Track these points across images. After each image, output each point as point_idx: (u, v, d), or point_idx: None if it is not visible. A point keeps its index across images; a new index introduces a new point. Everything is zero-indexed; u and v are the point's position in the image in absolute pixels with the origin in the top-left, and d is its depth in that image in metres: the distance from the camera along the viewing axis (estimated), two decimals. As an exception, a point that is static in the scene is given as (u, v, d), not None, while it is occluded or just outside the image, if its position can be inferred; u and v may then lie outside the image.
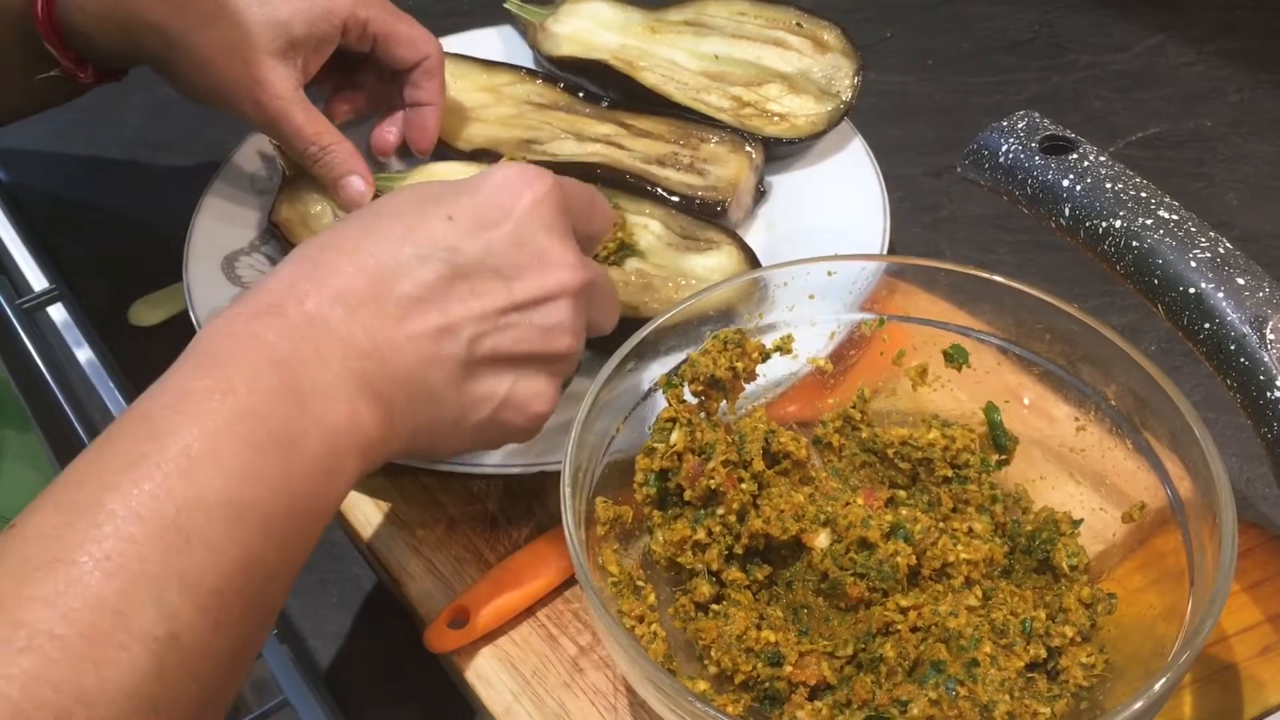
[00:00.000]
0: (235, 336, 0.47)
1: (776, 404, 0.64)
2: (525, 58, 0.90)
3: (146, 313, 0.82)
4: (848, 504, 0.57)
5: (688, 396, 0.60)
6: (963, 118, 0.94)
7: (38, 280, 0.88)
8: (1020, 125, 0.62)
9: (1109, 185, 0.58)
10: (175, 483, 0.42)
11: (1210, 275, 0.53)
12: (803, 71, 0.81)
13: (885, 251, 0.74)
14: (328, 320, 0.48)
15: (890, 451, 0.60)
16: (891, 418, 0.63)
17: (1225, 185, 0.86)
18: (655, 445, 0.59)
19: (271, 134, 0.76)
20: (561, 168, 0.77)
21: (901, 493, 0.60)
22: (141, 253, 0.86)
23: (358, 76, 0.81)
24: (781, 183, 0.80)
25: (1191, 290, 0.53)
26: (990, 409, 0.60)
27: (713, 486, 0.56)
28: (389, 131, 0.82)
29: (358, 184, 0.76)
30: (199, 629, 0.41)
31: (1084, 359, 0.57)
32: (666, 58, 0.84)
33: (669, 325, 0.60)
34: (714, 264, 0.71)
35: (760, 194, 0.79)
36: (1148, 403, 0.54)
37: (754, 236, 0.77)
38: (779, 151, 0.79)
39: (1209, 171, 0.87)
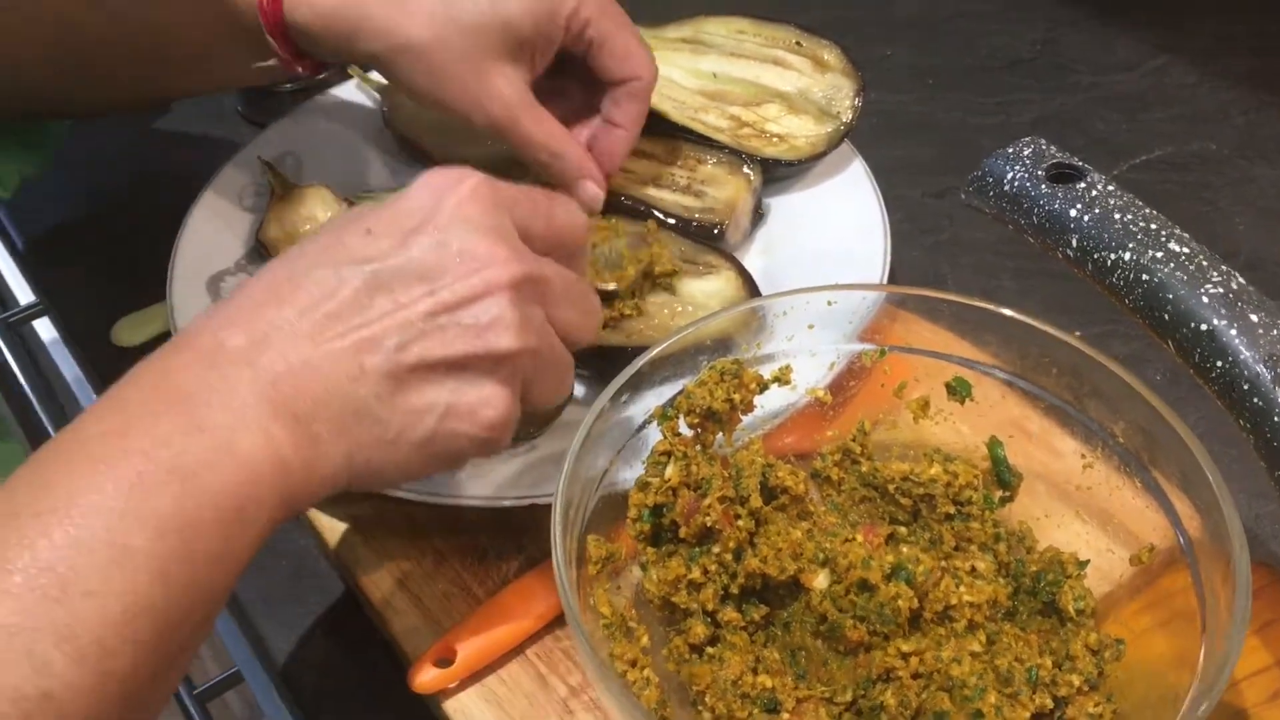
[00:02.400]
0: (141, 376, 0.46)
1: (774, 435, 0.62)
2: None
3: (130, 332, 0.80)
4: (847, 540, 0.55)
5: (683, 429, 0.58)
6: (964, 138, 0.92)
7: (24, 294, 0.86)
8: (1026, 152, 0.60)
9: (1118, 216, 0.56)
10: (55, 529, 0.40)
11: (1223, 312, 0.51)
12: (802, 91, 0.79)
13: (886, 276, 0.72)
14: (238, 347, 0.46)
15: (891, 487, 0.59)
16: (892, 451, 0.61)
17: (1231, 210, 0.84)
18: (649, 479, 0.57)
19: (499, 139, 0.72)
20: (554, 189, 0.76)
21: (902, 529, 0.58)
22: (126, 269, 0.85)
23: (565, 83, 0.75)
24: (780, 204, 0.79)
25: (1203, 327, 0.51)
26: (994, 444, 0.59)
27: (708, 524, 0.55)
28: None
29: (591, 189, 0.72)
30: (79, 684, 0.39)
31: (1091, 394, 0.55)
32: (663, 75, 0.82)
33: (665, 355, 0.58)
34: (712, 289, 0.69)
35: (759, 216, 0.77)
36: (1157, 440, 0.53)
37: (752, 259, 0.76)
38: (778, 173, 0.78)
39: (1214, 196, 0.85)
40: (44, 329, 0.90)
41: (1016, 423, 0.58)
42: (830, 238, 0.75)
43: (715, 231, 0.73)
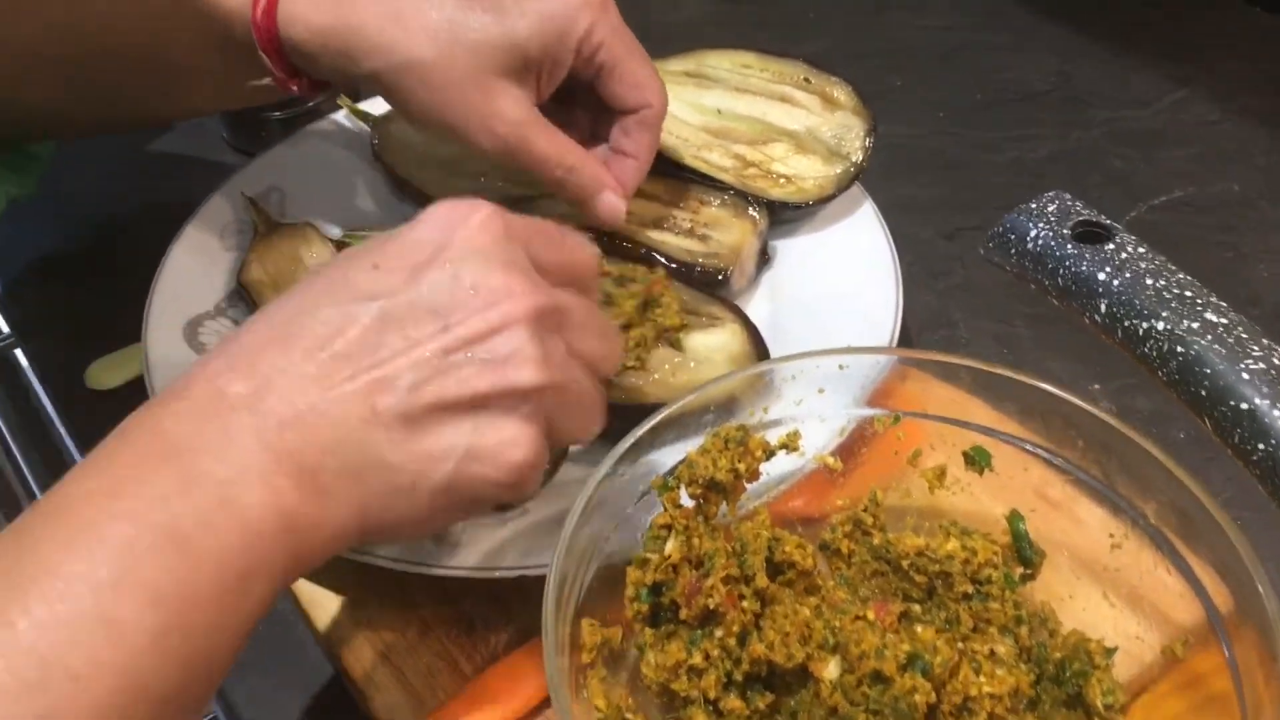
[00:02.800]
0: (132, 430, 0.43)
1: (780, 500, 0.59)
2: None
3: (105, 375, 0.77)
4: (858, 618, 0.52)
5: (685, 500, 0.55)
6: (976, 176, 0.89)
7: (-1, 324, 0.83)
8: (1050, 209, 0.57)
9: (1150, 281, 0.53)
10: (36, 604, 0.37)
11: (1265, 390, 0.48)
12: (810, 130, 0.76)
13: (897, 326, 0.69)
14: (238, 394, 0.43)
15: (905, 563, 0.55)
16: (906, 521, 0.58)
17: (1254, 256, 0.81)
18: (648, 555, 0.53)
19: (509, 162, 0.68)
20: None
21: (916, 607, 0.55)
22: (105, 306, 0.81)
23: (574, 109, 0.72)
24: (787, 248, 0.75)
25: (1244, 406, 0.48)
26: (1015, 518, 0.55)
27: (711, 606, 0.51)
28: None
29: (612, 200, 0.69)
30: None
31: (1122, 471, 0.52)
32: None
33: (667, 420, 0.54)
34: (716, 344, 0.65)
35: (764, 260, 0.74)
36: (1191, 522, 0.49)
37: (757, 306, 0.72)
38: (784, 215, 0.75)
39: (1236, 240, 0.82)
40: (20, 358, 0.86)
41: (1039, 495, 0.55)
42: (839, 284, 0.72)
43: (720, 278, 0.70)
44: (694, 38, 1.03)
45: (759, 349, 0.65)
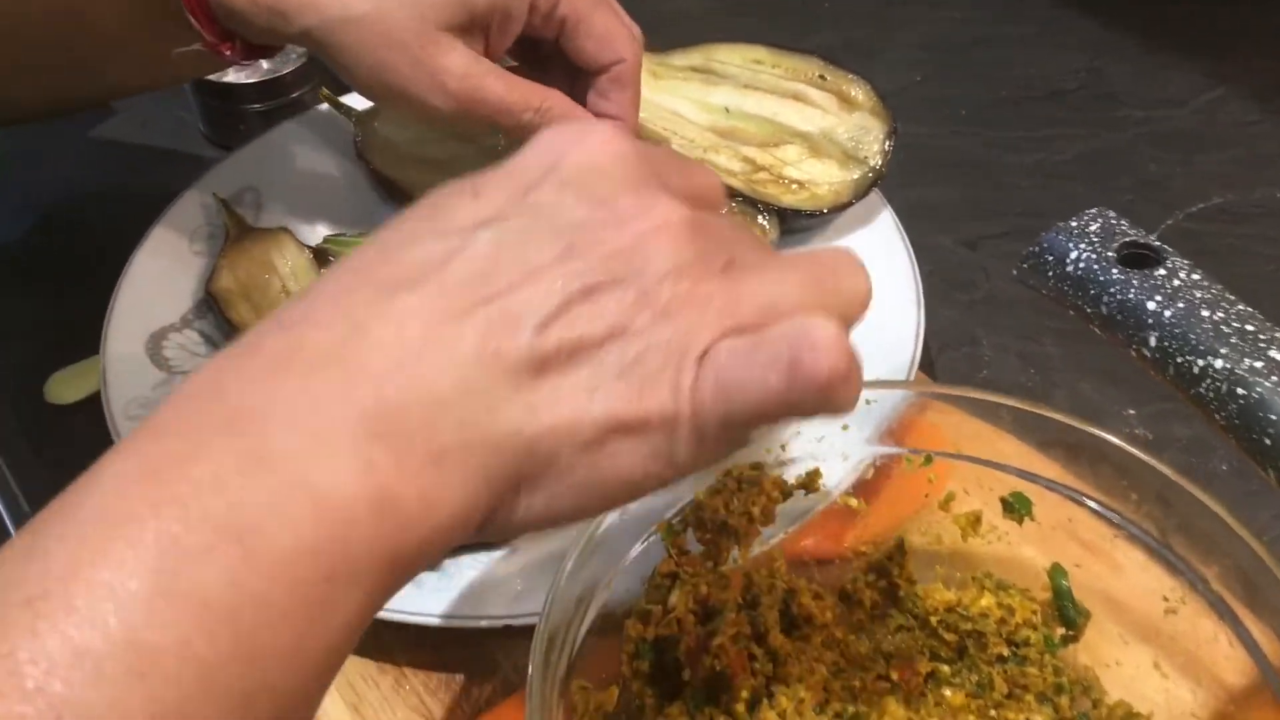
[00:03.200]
0: (185, 395, 0.33)
1: (795, 536, 0.54)
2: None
3: (64, 388, 0.71)
4: (880, 678, 0.47)
5: (691, 544, 0.50)
6: (1000, 179, 0.84)
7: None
8: (1093, 228, 0.52)
9: (1206, 313, 0.47)
10: (47, 628, 0.28)
11: (1345, 442, 0.43)
12: (825, 132, 0.70)
13: (919, 345, 0.64)
14: (319, 342, 0.34)
15: (934, 619, 0.50)
16: (935, 570, 0.53)
17: (1300, 270, 0.75)
18: (650, 607, 0.49)
19: (470, 121, 0.62)
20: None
21: (945, 668, 0.50)
22: (65, 315, 0.75)
23: (547, 75, 0.65)
24: (799, 259, 0.70)
25: (1321, 459, 0.43)
26: (1057, 572, 0.50)
27: (718, 669, 0.46)
28: None
29: None
30: None
31: (1180, 529, 0.47)
32: (670, 108, 0.73)
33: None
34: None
35: (775, 272, 0.68)
36: (1260, 592, 0.44)
37: (767, 323, 0.67)
38: (797, 224, 0.69)
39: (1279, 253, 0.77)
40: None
41: (1086, 548, 0.50)
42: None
43: (727, 293, 0.64)
44: (701, 27, 0.98)
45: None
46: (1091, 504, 0.49)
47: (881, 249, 0.68)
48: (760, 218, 0.67)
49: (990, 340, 0.73)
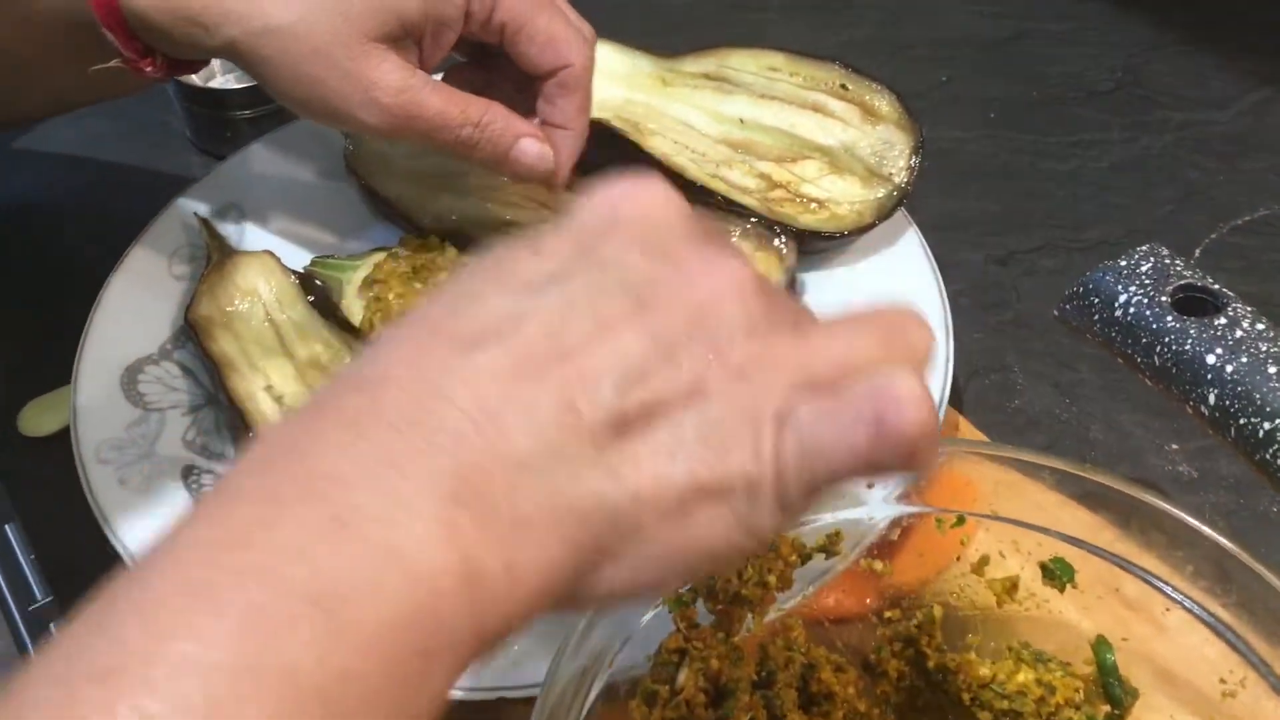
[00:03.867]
0: (261, 458, 0.32)
1: (812, 597, 0.50)
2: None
3: (38, 419, 0.67)
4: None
5: (702, 616, 0.46)
6: (1033, 187, 0.79)
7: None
8: (1144, 268, 0.47)
9: (1273, 369, 0.43)
10: (122, 704, 0.26)
11: None
12: (847, 146, 0.66)
13: (948, 382, 0.59)
14: (399, 403, 0.32)
15: (965, 696, 0.46)
16: (967, 639, 0.48)
17: (1356, 289, 0.71)
18: (656, 688, 0.45)
19: (405, 136, 0.59)
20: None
21: (978, 750, 0.46)
22: (40, 340, 0.71)
23: (494, 81, 0.63)
24: (817, 282, 0.65)
25: None
26: (1102, 646, 0.46)
27: (731, 760, 0.42)
28: None
29: (532, 146, 0.60)
30: None
31: (1241, 605, 0.42)
32: (680, 119, 0.69)
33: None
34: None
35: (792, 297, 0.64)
36: (1331, 679, 0.40)
37: (784, 353, 0.62)
38: (816, 245, 0.64)
39: (1334, 270, 0.72)
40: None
41: (1134, 620, 0.46)
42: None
43: (741, 323, 0.60)
44: (717, 21, 0.93)
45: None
46: (1142, 574, 0.44)
47: (906, 273, 0.64)
48: (776, 240, 0.62)
49: (1022, 366, 0.69)
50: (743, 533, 0.34)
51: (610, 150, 0.69)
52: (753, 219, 0.63)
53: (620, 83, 0.71)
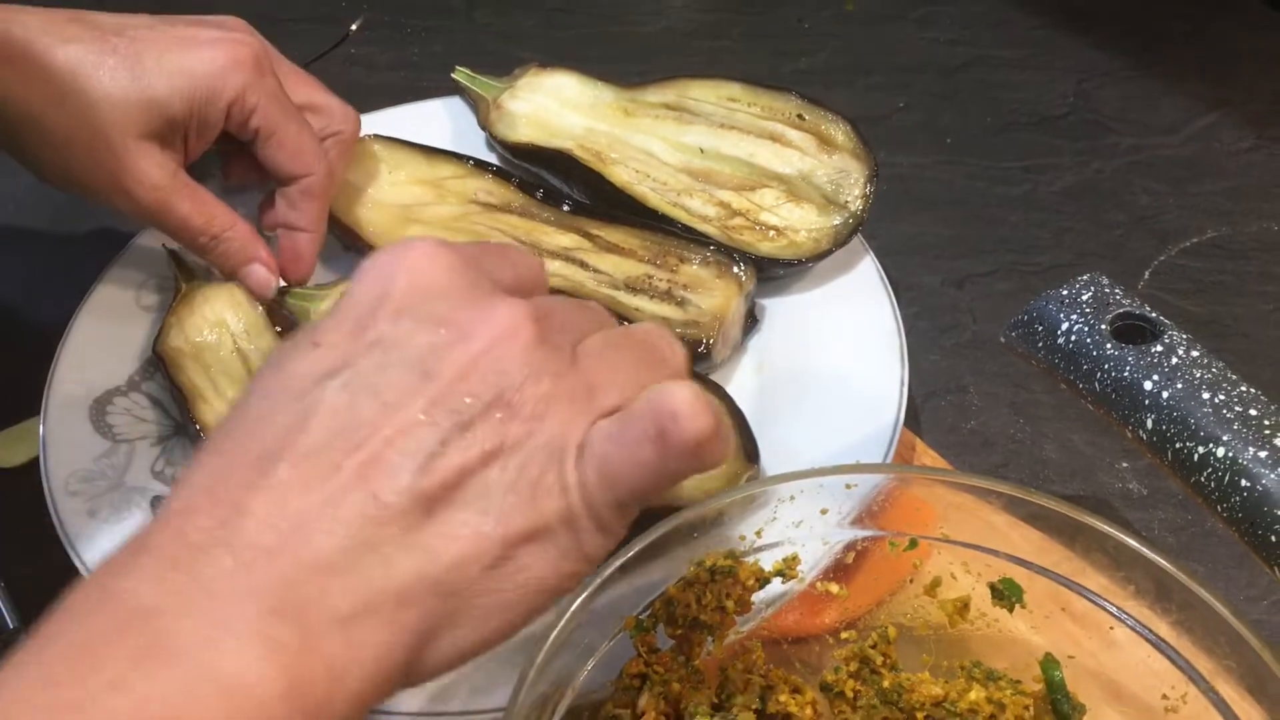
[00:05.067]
0: (80, 601, 0.33)
1: (770, 619, 0.51)
2: (476, 139, 0.76)
3: (8, 450, 0.68)
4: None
5: (662, 641, 0.47)
6: (987, 212, 0.81)
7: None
8: (1085, 297, 0.49)
9: (1207, 395, 0.44)
10: None
11: (1359, 543, 0.40)
12: (804, 174, 0.67)
13: (903, 404, 0.61)
14: (204, 529, 0.34)
15: (920, 715, 0.47)
16: (921, 658, 0.50)
17: (1299, 310, 0.73)
18: (619, 712, 0.46)
19: (152, 225, 0.64)
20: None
21: (932, 766, 0.47)
22: (6, 370, 0.72)
23: (249, 173, 0.68)
24: (776, 308, 0.67)
25: (1333, 562, 0.40)
26: (1050, 664, 0.47)
27: (690, 781, 0.43)
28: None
29: (260, 273, 0.65)
30: None
31: (1180, 624, 0.44)
32: (642, 148, 0.70)
33: (641, 554, 0.46)
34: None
35: (751, 323, 0.65)
36: (1266, 695, 0.41)
37: (742, 378, 0.64)
38: (774, 272, 0.66)
39: (1278, 291, 0.74)
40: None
41: (1081, 637, 0.47)
42: (835, 353, 0.64)
43: (700, 350, 0.61)
44: (677, 49, 0.95)
45: (746, 444, 0.56)
46: (1088, 594, 0.46)
47: (862, 298, 0.65)
48: (736, 267, 0.64)
49: (978, 387, 0.70)
50: (570, 562, 0.37)
51: (575, 179, 0.70)
52: (712, 246, 0.65)
53: (583, 113, 0.72)
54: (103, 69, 0.58)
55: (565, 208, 0.68)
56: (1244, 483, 0.42)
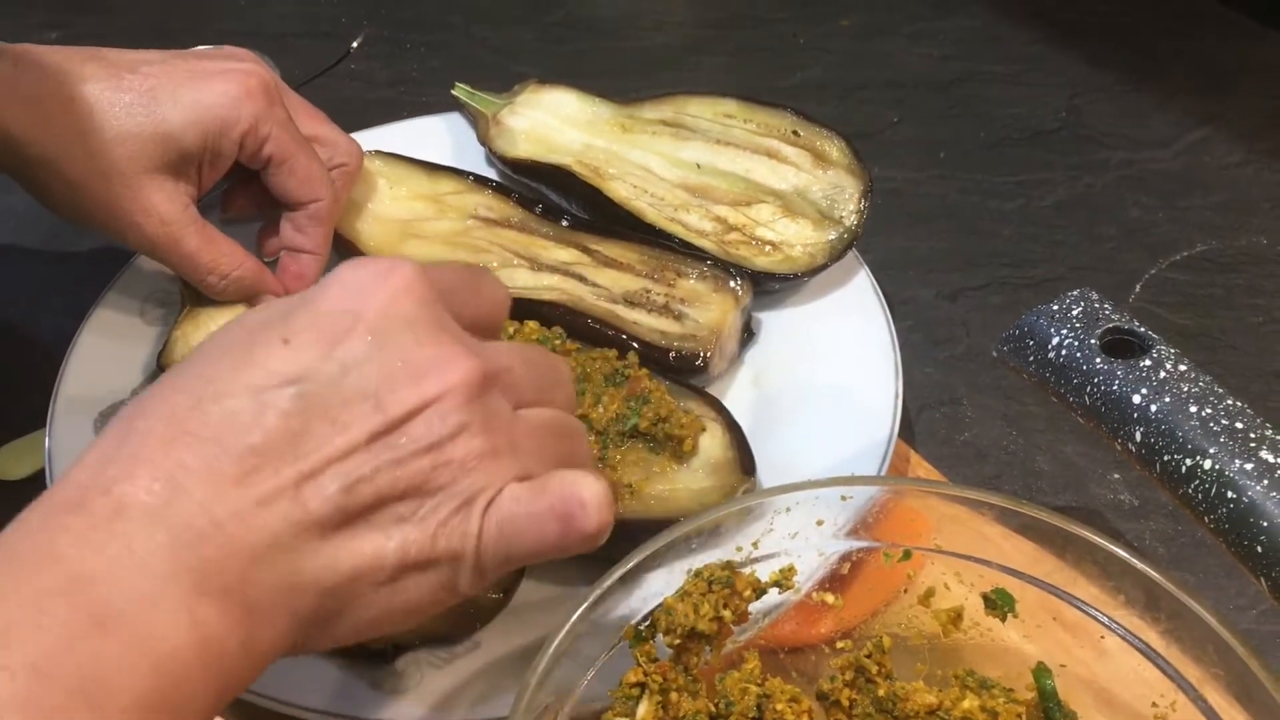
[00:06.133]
0: (19, 556, 0.35)
1: (767, 629, 0.52)
2: (476, 155, 0.77)
3: (12, 463, 0.69)
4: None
5: (661, 651, 0.47)
6: (981, 225, 0.82)
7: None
8: (1075, 312, 0.50)
9: (1194, 409, 0.45)
10: None
11: (1342, 553, 0.41)
12: (799, 190, 0.68)
13: (898, 416, 0.61)
14: (145, 505, 0.36)
15: (914, 723, 0.48)
16: (915, 667, 0.51)
17: (1287, 321, 0.74)
18: (618, 719, 0.46)
19: (161, 261, 0.64)
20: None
21: (927, 774, 0.48)
22: (12, 383, 0.73)
23: (255, 194, 0.68)
24: (772, 321, 0.68)
25: (1317, 572, 0.41)
26: (1042, 673, 0.48)
27: (690, 788, 0.44)
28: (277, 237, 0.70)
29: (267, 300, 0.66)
30: None
31: (1170, 633, 0.44)
32: (639, 163, 0.71)
33: (640, 565, 0.47)
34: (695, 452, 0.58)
35: (747, 336, 0.66)
36: (1254, 702, 0.42)
37: (739, 391, 0.65)
38: (769, 287, 0.67)
39: (1268, 304, 0.75)
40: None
41: (1073, 645, 0.48)
42: (831, 365, 0.65)
43: (697, 363, 0.62)
44: (675, 64, 0.96)
45: (743, 456, 0.57)
46: (1079, 604, 0.47)
47: (857, 313, 0.66)
48: (732, 281, 0.65)
49: (972, 399, 0.71)
50: (446, 593, 0.41)
51: (574, 194, 0.71)
52: (709, 261, 0.65)
53: (582, 129, 0.73)
54: (118, 106, 0.59)
55: (564, 223, 0.69)
56: (1230, 494, 0.43)
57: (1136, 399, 0.46)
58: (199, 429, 0.38)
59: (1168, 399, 0.46)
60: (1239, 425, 0.45)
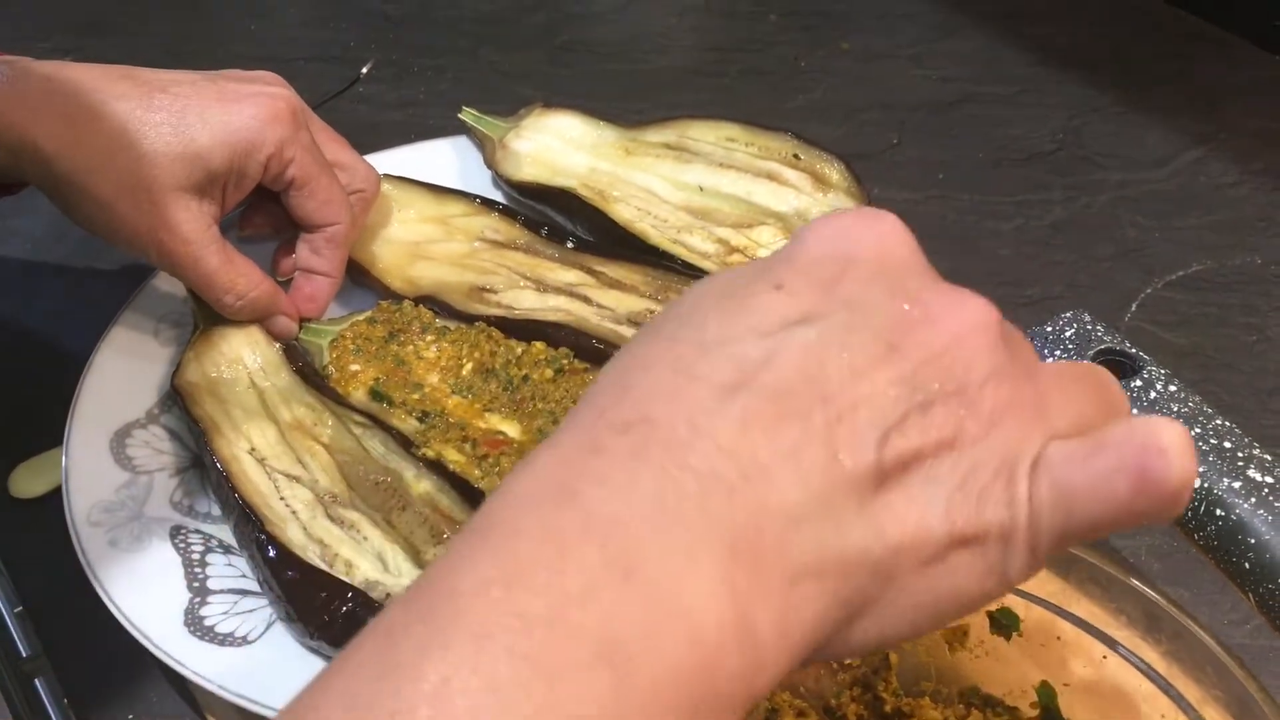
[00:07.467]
0: (535, 499, 0.31)
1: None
2: (483, 177, 0.78)
3: (29, 481, 0.70)
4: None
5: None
6: (980, 245, 0.83)
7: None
8: (1069, 333, 0.51)
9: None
10: None
11: (1333, 572, 0.42)
12: (800, 212, 0.69)
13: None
14: (666, 446, 0.31)
15: (920, 739, 0.49)
16: (921, 684, 0.52)
17: (1282, 340, 0.75)
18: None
19: (180, 279, 0.66)
20: (517, 326, 0.66)
21: (931, 790, 0.49)
22: (29, 402, 0.74)
23: (273, 211, 0.70)
24: (777, 342, 0.68)
25: (1308, 589, 0.42)
26: (1045, 692, 0.49)
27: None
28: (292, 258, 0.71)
29: (280, 323, 0.68)
30: None
31: (1171, 655, 0.45)
32: (643, 186, 0.72)
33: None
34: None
35: (752, 357, 0.67)
36: (1251, 717, 0.43)
37: (745, 411, 0.66)
38: (775, 307, 0.68)
39: (1262, 323, 0.76)
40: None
41: (1076, 665, 0.49)
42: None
43: (704, 384, 0.63)
44: (678, 86, 0.97)
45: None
46: (1081, 622, 0.48)
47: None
48: (737, 302, 0.66)
49: (972, 419, 0.72)
50: (994, 580, 0.33)
51: (579, 216, 0.72)
52: (714, 283, 0.66)
53: (586, 152, 0.74)
54: (149, 125, 0.60)
55: (569, 245, 0.70)
56: (1219, 512, 0.44)
57: (1132, 421, 0.47)
58: (710, 374, 0.32)
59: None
60: (1227, 444, 0.46)
